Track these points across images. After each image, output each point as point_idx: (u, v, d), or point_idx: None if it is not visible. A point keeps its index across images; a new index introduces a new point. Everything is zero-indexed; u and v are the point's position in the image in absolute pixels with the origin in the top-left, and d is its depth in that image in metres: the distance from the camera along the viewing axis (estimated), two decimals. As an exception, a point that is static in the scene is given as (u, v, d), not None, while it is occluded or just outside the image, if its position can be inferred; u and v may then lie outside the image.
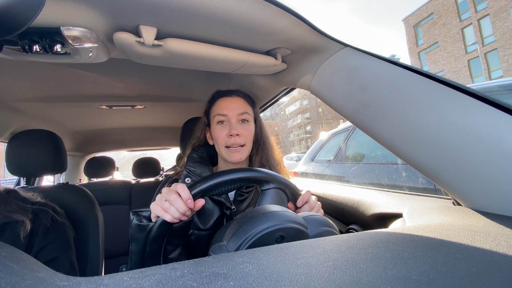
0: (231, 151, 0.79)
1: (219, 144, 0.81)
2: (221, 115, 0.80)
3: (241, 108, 0.81)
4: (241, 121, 0.81)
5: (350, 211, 0.88)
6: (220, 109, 0.81)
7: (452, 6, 21.04)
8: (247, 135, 0.81)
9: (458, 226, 0.40)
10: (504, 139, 0.44)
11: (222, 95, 0.84)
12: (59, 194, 1.06)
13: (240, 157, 0.79)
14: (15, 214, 0.80)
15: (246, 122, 0.82)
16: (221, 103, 0.82)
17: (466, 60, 20.50)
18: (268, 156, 0.86)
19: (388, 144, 0.59)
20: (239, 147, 0.80)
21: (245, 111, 0.81)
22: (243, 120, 0.82)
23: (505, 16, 17.81)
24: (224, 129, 0.80)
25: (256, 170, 0.64)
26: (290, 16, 0.58)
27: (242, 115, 0.81)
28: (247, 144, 0.81)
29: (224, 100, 0.83)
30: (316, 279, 0.25)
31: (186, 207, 0.56)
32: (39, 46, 0.55)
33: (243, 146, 0.80)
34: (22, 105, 1.31)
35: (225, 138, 0.79)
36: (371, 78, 0.60)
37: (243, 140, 0.80)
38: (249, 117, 0.82)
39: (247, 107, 0.83)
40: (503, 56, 18.11)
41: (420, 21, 23.74)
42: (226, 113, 0.80)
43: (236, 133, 0.78)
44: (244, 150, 0.80)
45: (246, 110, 0.82)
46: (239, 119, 0.81)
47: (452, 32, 21.27)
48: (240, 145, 0.79)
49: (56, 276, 0.28)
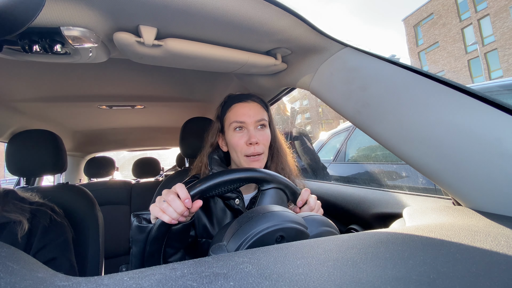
0: (251, 160, 0.76)
1: (238, 152, 0.77)
2: (239, 122, 0.76)
3: (259, 115, 0.77)
4: (259, 127, 0.78)
5: (350, 211, 0.88)
6: (237, 115, 0.77)
7: (452, 6, 21.04)
8: (265, 142, 0.78)
9: (458, 226, 0.40)
10: (504, 139, 0.44)
11: (237, 100, 0.80)
12: (59, 194, 1.06)
13: (260, 165, 0.76)
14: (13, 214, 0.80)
15: (264, 128, 0.79)
16: (238, 109, 0.78)
17: (466, 60, 20.50)
18: (283, 164, 0.83)
19: (388, 144, 0.59)
20: (258, 156, 0.76)
21: (263, 117, 0.78)
22: (261, 125, 0.78)
23: (505, 16, 17.81)
24: (242, 136, 0.76)
25: (255, 170, 0.64)
26: (290, 16, 0.58)
27: (260, 122, 0.77)
28: (265, 152, 0.79)
29: (240, 106, 0.78)
30: (316, 279, 0.25)
31: (184, 207, 0.55)
32: (39, 46, 0.55)
33: (262, 154, 0.77)
34: (22, 105, 1.31)
35: (244, 146, 0.76)
36: (371, 78, 0.60)
37: (262, 148, 0.77)
38: (266, 123, 0.79)
39: (264, 113, 0.79)
40: (503, 56, 18.11)
41: (420, 21, 23.74)
42: (244, 120, 0.76)
43: (256, 141, 0.75)
44: (263, 158, 0.78)
45: (263, 116, 0.78)
46: (257, 126, 0.77)
47: (452, 32, 21.28)
48: (259, 153, 0.76)
49: (56, 276, 0.28)
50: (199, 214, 0.77)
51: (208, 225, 0.76)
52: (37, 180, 1.84)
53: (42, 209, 0.89)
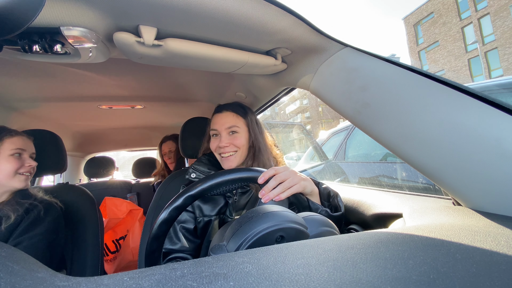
0: (223, 160, 0.90)
1: (214, 152, 0.94)
2: (213, 129, 0.93)
3: (229, 122, 0.91)
4: (230, 133, 0.91)
5: (350, 211, 0.88)
6: (213, 124, 0.94)
7: (452, 5, 21.01)
8: (237, 143, 0.90)
9: (458, 226, 0.40)
10: (504, 139, 0.44)
11: (216, 112, 0.96)
12: (59, 194, 1.06)
13: (230, 165, 0.89)
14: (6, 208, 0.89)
15: (235, 133, 0.91)
16: (214, 119, 0.94)
17: (466, 59, 20.48)
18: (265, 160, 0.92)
19: (388, 144, 0.59)
20: (230, 156, 0.89)
21: (233, 124, 0.91)
22: (232, 131, 0.91)
23: (505, 15, 17.79)
24: (215, 141, 0.92)
25: (253, 170, 0.64)
26: (290, 16, 0.58)
27: (231, 128, 0.91)
28: (239, 151, 0.90)
29: (216, 116, 0.94)
30: (316, 279, 0.25)
31: None
32: (39, 46, 0.55)
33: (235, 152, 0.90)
34: (22, 105, 1.31)
35: (217, 148, 0.91)
36: (371, 78, 0.60)
37: (233, 148, 0.90)
38: (237, 129, 0.91)
39: (237, 120, 0.92)
40: (503, 55, 18.09)
41: (420, 20, 23.71)
42: (216, 128, 0.92)
43: (225, 145, 0.88)
44: (236, 157, 0.90)
45: (234, 123, 0.91)
46: (228, 132, 0.91)
47: (452, 31, 21.25)
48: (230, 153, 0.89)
49: (56, 276, 0.28)
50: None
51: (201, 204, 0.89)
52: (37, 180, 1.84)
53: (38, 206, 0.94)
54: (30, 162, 0.96)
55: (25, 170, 0.94)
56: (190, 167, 0.94)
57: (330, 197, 0.77)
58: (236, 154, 0.90)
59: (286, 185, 0.62)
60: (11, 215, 0.88)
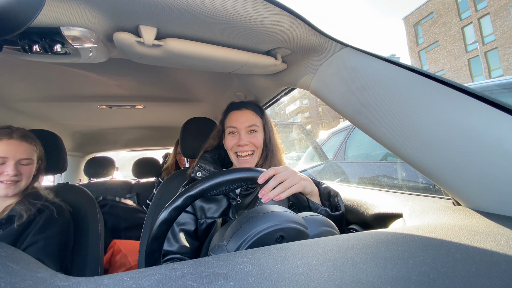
0: (240, 160, 0.89)
1: (231, 152, 0.91)
2: (232, 127, 0.90)
3: (250, 121, 0.90)
4: (249, 131, 0.90)
5: (350, 211, 0.88)
6: (231, 121, 0.91)
7: (452, 5, 21.00)
8: (256, 143, 0.89)
9: (458, 226, 0.40)
10: (504, 139, 0.44)
11: (233, 108, 0.94)
12: (59, 194, 1.06)
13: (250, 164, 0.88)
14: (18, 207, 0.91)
15: (255, 132, 0.90)
16: (232, 116, 0.92)
17: (466, 59, 20.47)
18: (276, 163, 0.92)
19: (388, 144, 0.59)
20: (248, 157, 0.88)
21: (253, 123, 0.90)
22: (252, 130, 0.90)
23: (505, 15, 17.78)
24: (234, 139, 0.90)
25: (253, 170, 0.64)
26: (290, 16, 0.58)
27: (251, 127, 0.90)
28: (256, 152, 0.90)
29: (235, 113, 0.92)
30: (316, 279, 0.25)
31: None
32: (39, 46, 0.55)
33: (253, 153, 0.89)
34: (22, 105, 1.31)
35: (234, 146, 0.89)
36: (371, 78, 0.60)
37: (252, 147, 0.89)
38: (257, 128, 0.90)
39: (256, 119, 0.91)
40: (503, 55, 18.08)
41: (420, 20, 23.70)
42: (236, 125, 0.90)
43: (245, 143, 0.87)
44: (254, 158, 0.89)
45: (254, 122, 0.90)
46: (247, 131, 0.90)
47: (452, 31, 21.24)
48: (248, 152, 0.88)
49: (56, 276, 0.28)
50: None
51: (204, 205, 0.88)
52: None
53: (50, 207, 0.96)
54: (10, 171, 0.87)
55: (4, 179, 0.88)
56: (196, 165, 0.93)
57: (331, 197, 0.77)
58: (253, 155, 0.89)
59: (286, 185, 0.62)
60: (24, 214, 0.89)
